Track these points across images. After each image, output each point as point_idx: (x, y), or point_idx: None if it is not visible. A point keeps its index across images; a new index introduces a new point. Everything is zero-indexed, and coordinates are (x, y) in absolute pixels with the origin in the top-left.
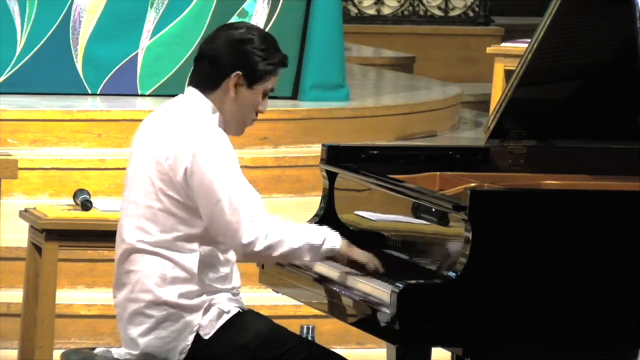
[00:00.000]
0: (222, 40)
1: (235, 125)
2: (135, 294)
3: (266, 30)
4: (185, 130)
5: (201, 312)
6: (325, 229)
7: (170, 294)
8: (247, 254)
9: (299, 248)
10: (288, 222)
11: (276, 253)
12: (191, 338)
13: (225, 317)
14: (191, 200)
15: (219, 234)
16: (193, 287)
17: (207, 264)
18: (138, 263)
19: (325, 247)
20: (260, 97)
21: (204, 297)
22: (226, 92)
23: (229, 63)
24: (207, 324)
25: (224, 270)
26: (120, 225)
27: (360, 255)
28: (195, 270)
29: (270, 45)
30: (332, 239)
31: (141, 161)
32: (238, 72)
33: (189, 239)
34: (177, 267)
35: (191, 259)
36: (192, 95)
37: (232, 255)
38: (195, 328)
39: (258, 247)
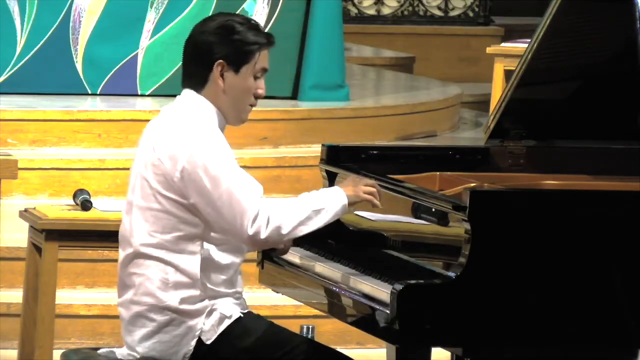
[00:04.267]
0: (200, 34)
1: (233, 114)
2: (139, 296)
3: (266, 30)
4: (180, 131)
5: (203, 316)
6: (326, 191)
7: (172, 299)
8: (256, 244)
9: (306, 218)
10: (287, 199)
11: (285, 231)
12: (193, 343)
13: (227, 322)
14: (189, 200)
15: (224, 231)
16: (195, 292)
17: (210, 266)
18: (141, 267)
19: (335, 209)
20: (251, 80)
21: (206, 302)
22: (216, 84)
23: (210, 54)
24: (209, 328)
25: (227, 273)
26: (124, 227)
27: (370, 190)
28: (198, 274)
29: (249, 27)
30: (337, 198)
31: (140, 164)
32: (219, 60)
33: (190, 238)
34: (179, 272)
35: (193, 262)
36: (186, 95)
37: (234, 259)
38: (197, 333)
39: (264, 234)
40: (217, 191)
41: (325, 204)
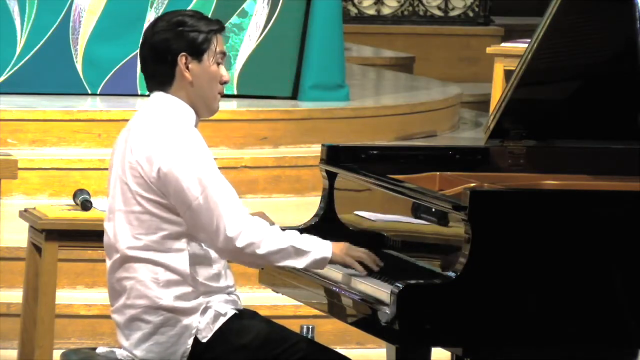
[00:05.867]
0: (154, 35)
1: (204, 106)
2: (132, 300)
3: (266, 30)
4: (156, 132)
5: (198, 314)
6: (315, 238)
7: (166, 297)
8: (230, 251)
9: (284, 249)
10: (274, 226)
11: (260, 251)
12: (190, 341)
13: (222, 320)
14: (169, 200)
15: (201, 233)
16: (187, 289)
17: (199, 261)
18: (130, 270)
19: (315, 256)
20: (215, 67)
21: (200, 299)
22: (182, 78)
23: (170, 51)
24: (205, 326)
25: (216, 267)
26: (107, 236)
27: (360, 256)
28: (187, 270)
29: (199, 18)
30: (322, 249)
31: (117, 168)
32: (182, 53)
33: (176, 236)
34: (169, 270)
35: (181, 260)
36: (156, 97)
37: None
38: (194, 331)
39: (240, 243)
40: (195, 192)
41: (310, 248)
